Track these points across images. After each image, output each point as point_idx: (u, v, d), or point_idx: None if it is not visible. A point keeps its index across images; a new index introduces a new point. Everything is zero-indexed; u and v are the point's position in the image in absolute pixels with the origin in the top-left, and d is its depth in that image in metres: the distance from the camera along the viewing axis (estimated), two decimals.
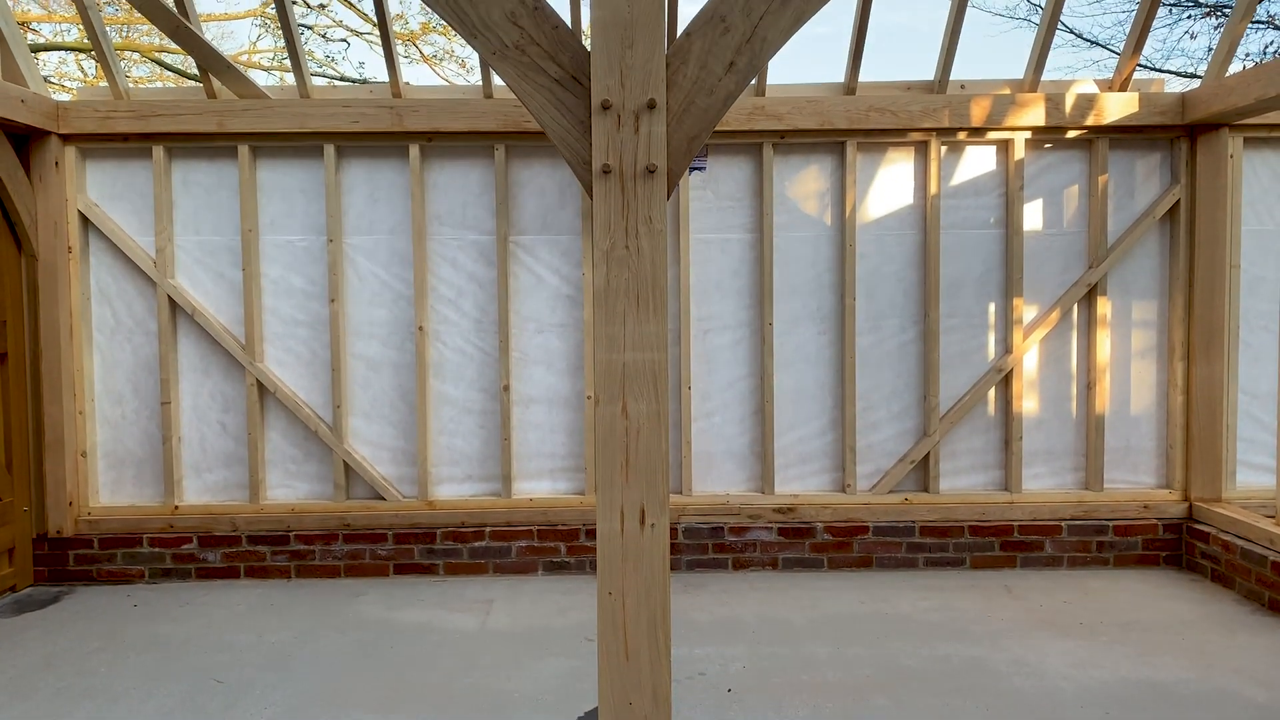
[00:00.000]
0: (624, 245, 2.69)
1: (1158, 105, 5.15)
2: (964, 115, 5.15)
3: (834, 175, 5.32)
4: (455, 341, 5.31)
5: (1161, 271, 5.35)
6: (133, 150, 5.22)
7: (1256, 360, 5.31)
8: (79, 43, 12.51)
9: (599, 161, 2.69)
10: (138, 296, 5.27)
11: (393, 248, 5.30)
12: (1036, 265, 5.33)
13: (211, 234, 5.27)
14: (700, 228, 5.32)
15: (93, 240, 5.27)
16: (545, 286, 5.31)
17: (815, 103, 5.17)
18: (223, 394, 5.31)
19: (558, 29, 2.71)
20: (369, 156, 5.27)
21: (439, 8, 2.69)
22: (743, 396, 5.35)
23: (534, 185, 5.29)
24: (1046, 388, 5.39)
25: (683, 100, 2.72)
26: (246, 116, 5.11)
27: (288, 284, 5.30)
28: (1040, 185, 5.33)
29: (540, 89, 2.73)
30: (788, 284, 5.33)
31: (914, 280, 5.34)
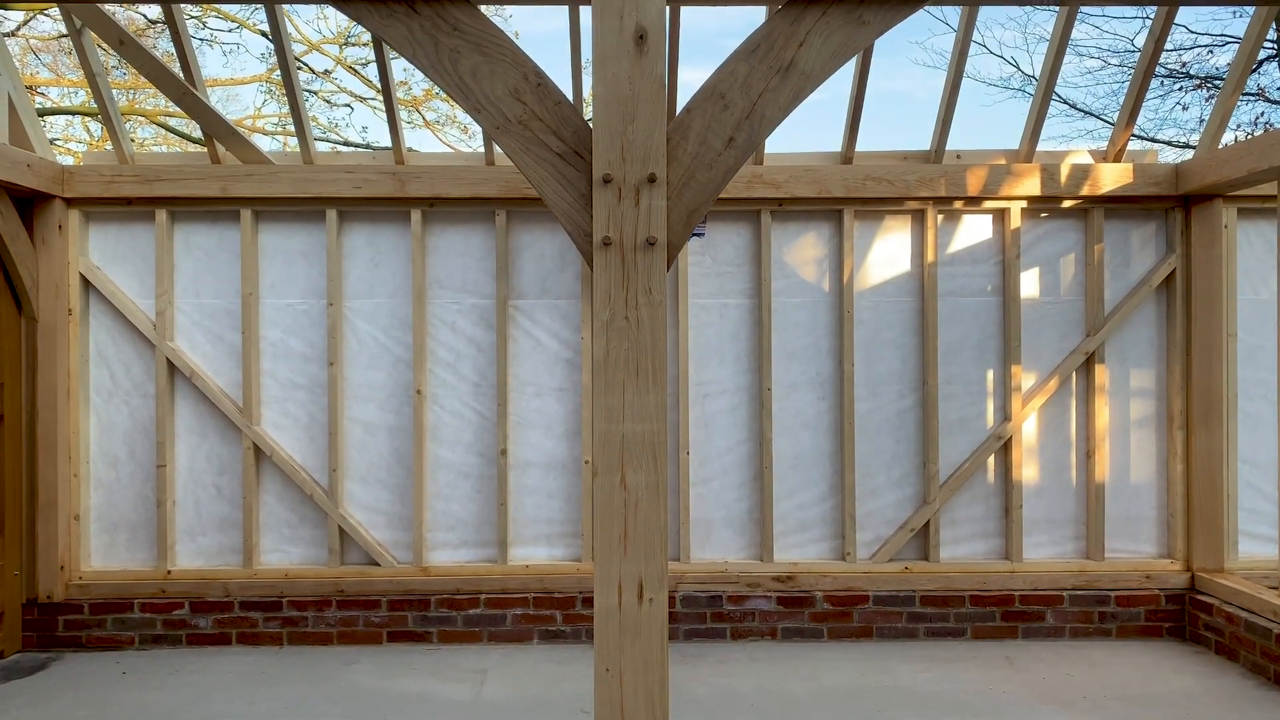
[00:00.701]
0: (624, 316, 2.70)
1: (1152, 176, 5.21)
2: (960, 185, 5.21)
3: (831, 242, 5.36)
4: (453, 405, 5.30)
5: (1159, 340, 5.36)
6: (136, 213, 5.26)
7: (1256, 429, 5.30)
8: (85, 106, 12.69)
9: (600, 234, 2.70)
10: (136, 359, 5.27)
11: (393, 311, 5.32)
12: (1034, 333, 5.35)
13: (212, 297, 5.29)
14: (699, 293, 5.34)
15: (93, 302, 5.28)
16: (544, 350, 5.32)
17: (813, 171, 5.22)
18: (219, 457, 5.28)
19: (560, 105, 2.75)
20: (371, 221, 5.31)
21: (444, 84, 2.73)
22: (741, 462, 5.33)
23: (534, 250, 5.32)
24: (1046, 455, 5.37)
25: (683, 174, 2.75)
26: (250, 181, 5.16)
27: (287, 347, 5.30)
28: (1037, 253, 5.36)
29: (542, 162, 2.76)
30: (786, 349, 5.34)
31: (912, 347, 5.35)
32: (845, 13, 2.74)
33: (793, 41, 2.74)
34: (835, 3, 2.73)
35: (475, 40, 2.73)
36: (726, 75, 2.77)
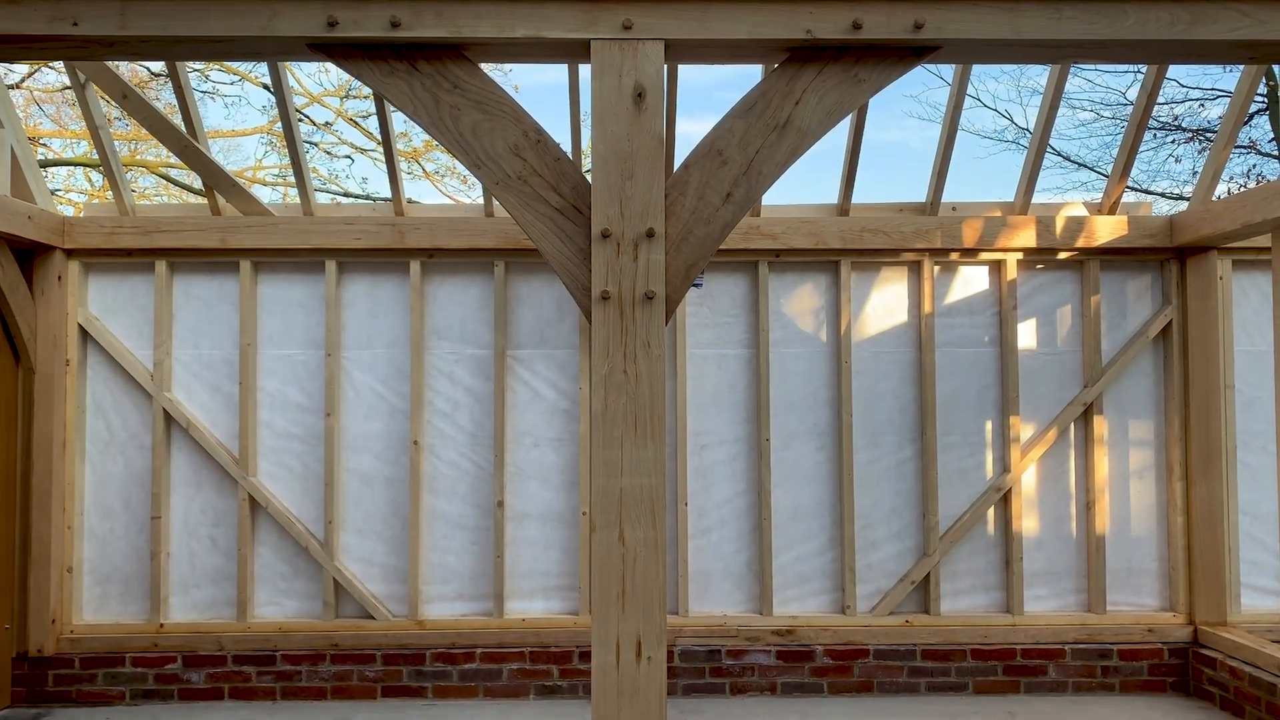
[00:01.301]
0: (622, 370, 2.70)
1: (1146, 228, 5.25)
2: (956, 236, 5.24)
3: (829, 293, 5.38)
4: (450, 456, 5.28)
5: (1157, 391, 5.36)
6: (135, 264, 5.28)
7: (1255, 481, 5.29)
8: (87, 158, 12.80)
9: (598, 288, 2.71)
10: (133, 410, 5.26)
11: (391, 362, 5.31)
12: (1032, 384, 5.35)
13: (210, 348, 5.29)
14: (697, 343, 5.35)
15: (91, 353, 5.28)
16: (542, 401, 5.31)
17: (810, 223, 5.26)
18: (214, 508, 5.25)
19: (559, 161, 2.78)
20: (370, 272, 5.33)
21: (444, 140, 2.75)
22: (740, 513, 5.30)
23: (532, 300, 5.34)
24: (1046, 507, 5.34)
25: (681, 229, 2.77)
26: (250, 233, 5.18)
27: (284, 398, 5.29)
28: (1033, 305, 5.38)
29: (542, 218, 2.78)
30: (784, 400, 5.33)
31: (910, 397, 5.35)
32: (841, 72, 2.77)
33: (789, 100, 2.78)
34: (831, 62, 2.77)
35: (476, 98, 2.76)
36: (724, 132, 2.80)
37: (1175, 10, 2.70)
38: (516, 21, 2.70)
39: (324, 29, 2.67)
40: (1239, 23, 2.69)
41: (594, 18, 2.71)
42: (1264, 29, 2.69)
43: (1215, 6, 2.70)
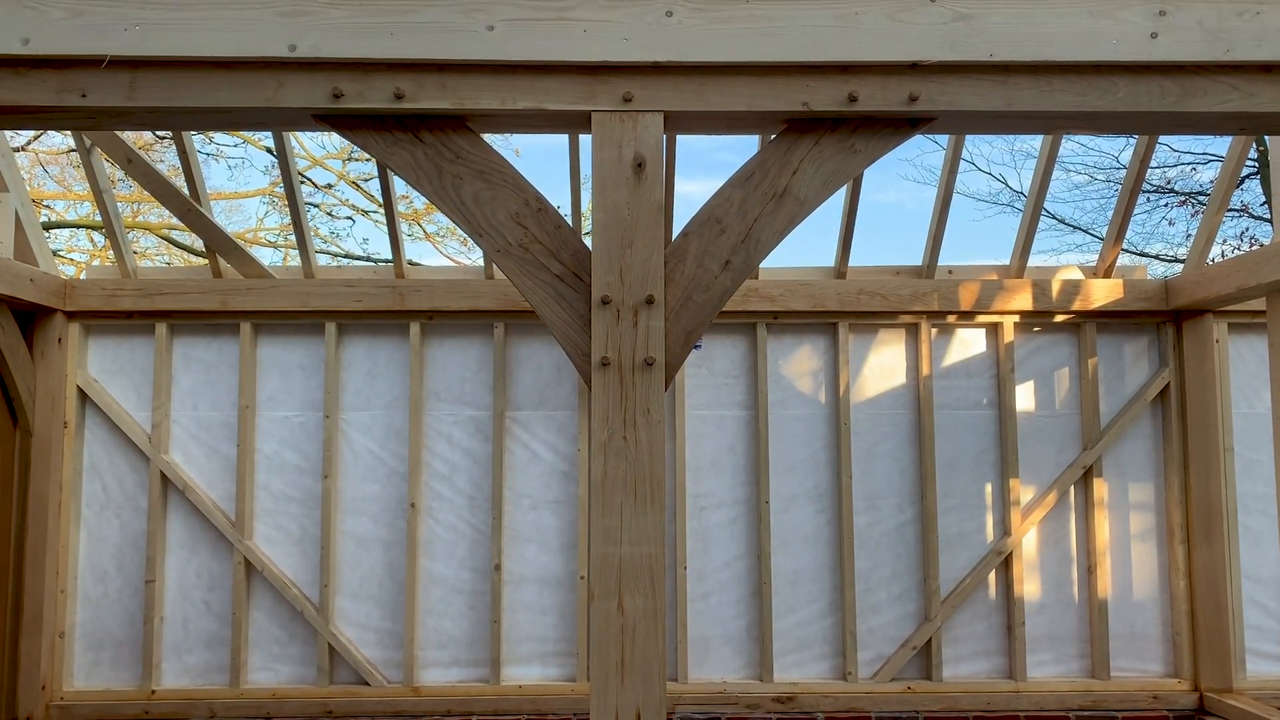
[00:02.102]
0: (621, 436, 2.70)
1: (1142, 292, 5.28)
2: (953, 300, 5.27)
3: (827, 355, 5.40)
4: (447, 519, 5.25)
5: (1156, 454, 5.36)
6: (136, 326, 5.29)
7: (1257, 545, 5.26)
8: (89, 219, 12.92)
9: (598, 354, 2.73)
10: (130, 472, 5.24)
11: (389, 423, 5.31)
12: (1031, 446, 5.34)
13: (209, 409, 5.28)
14: (696, 404, 5.35)
15: (89, 415, 5.27)
16: (540, 463, 5.30)
17: (807, 285, 5.29)
18: (209, 572, 5.20)
19: (560, 229, 2.81)
20: (370, 334, 5.35)
21: (446, 208, 2.79)
22: (739, 577, 5.25)
23: (531, 361, 5.35)
24: (1047, 571, 5.30)
25: (680, 296, 2.79)
26: (250, 295, 5.21)
27: (281, 460, 5.28)
28: (1031, 367, 5.40)
29: (542, 285, 2.80)
30: (784, 461, 5.32)
31: (910, 460, 5.34)
32: (837, 142, 2.82)
33: (786, 169, 2.82)
34: (827, 133, 2.81)
35: (478, 167, 2.80)
36: (723, 201, 2.83)
37: (1165, 83, 2.75)
38: (519, 94, 2.75)
39: (329, 100, 2.72)
40: (1228, 95, 2.74)
41: (594, 90, 2.76)
42: (1253, 101, 2.74)
43: (1205, 79, 2.75)
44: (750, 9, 2.74)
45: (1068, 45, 2.72)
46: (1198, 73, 2.75)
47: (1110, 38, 2.72)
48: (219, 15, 2.68)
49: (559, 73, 2.76)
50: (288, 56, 2.68)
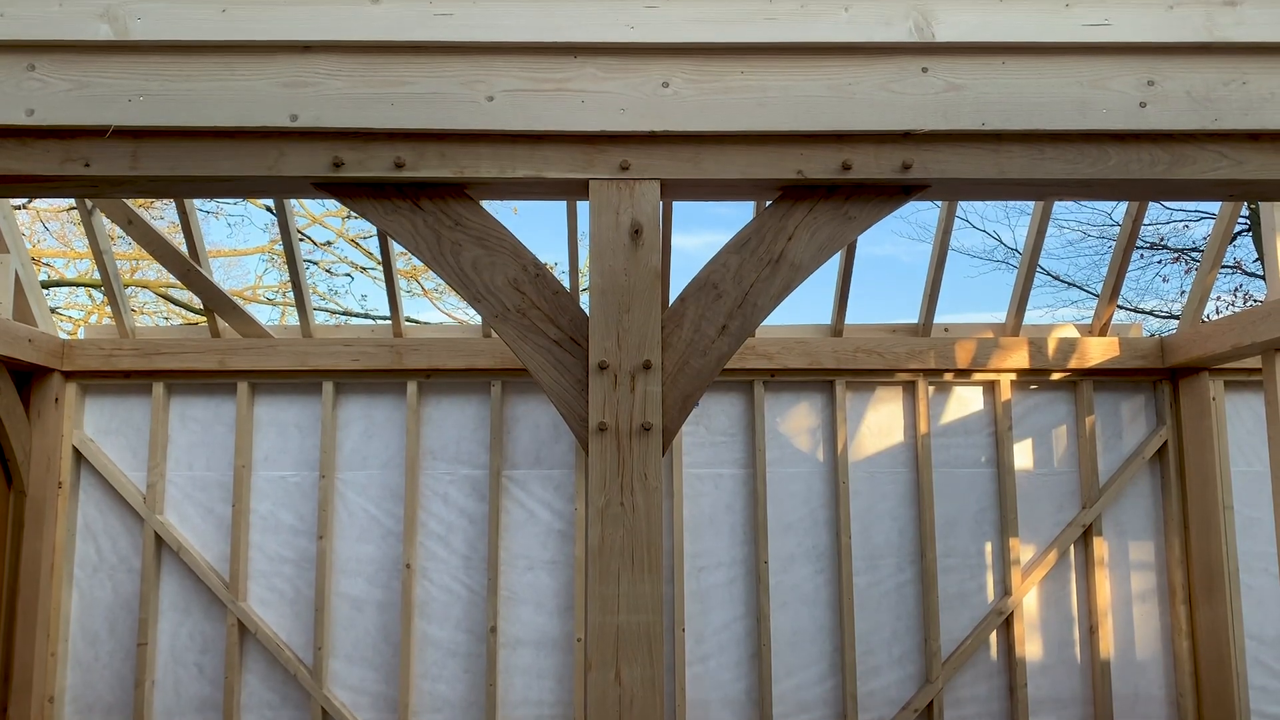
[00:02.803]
0: (619, 502, 2.69)
1: (1138, 350, 5.30)
2: (949, 358, 5.28)
3: (824, 412, 5.39)
4: (443, 580, 5.20)
5: (1156, 512, 5.34)
6: (133, 386, 5.29)
7: (1260, 605, 5.21)
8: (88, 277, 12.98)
9: (595, 419, 2.73)
10: (124, 533, 5.20)
11: (385, 483, 5.29)
12: (1030, 505, 5.32)
13: (204, 469, 5.26)
14: (693, 462, 5.34)
15: (84, 475, 5.25)
16: (537, 522, 5.27)
17: (804, 343, 5.30)
18: (202, 634, 5.14)
19: (558, 294, 2.82)
20: (367, 392, 5.34)
21: (445, 274, 2.80)
22: (738, 639, 5.20)
23: (529, 419, 5.34)
24: (1049, 631, 5.25)
25: (677, 361, 2.80)
26: (249, 355, 5.21)
27: (276, 520, 5.24)
28: (1029, 425, 5.40)
29: (540, 350, 2.81)
30: (782, 521, 5.29)
31: (909, 518, 5.31)
32: (832, 209, 2.85)
33: (782, 236, 2.84)
34: (822, 200, 2.85)
35: (476, 234, 2.82)
36: (719, 266, 2.85)
37: (1155, 151, 2.79)
38: (517, 162, 2.78)
39: (329, 169, 2.75)
40: (1218, 163, 2.78)
41: (592, 159, 2.79)
42: (1242, 169, 2.77)
43: (1195, 148, 2.79)
44: (745, 80, 2.78)
45: (1058, 114, 2.76)
46: (1187, 141, 2.79)
47: (1100, 107, 2.76)
48: (222, 86, 2.72)
49: (557, 142, 2.80)
50: (289, 126, 2.71)
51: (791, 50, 2.79)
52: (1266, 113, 2.74)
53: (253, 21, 2.74)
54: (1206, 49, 2.78)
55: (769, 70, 2.79)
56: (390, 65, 2.76)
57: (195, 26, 2.72)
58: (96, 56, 2.72)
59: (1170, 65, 2.78)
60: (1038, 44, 2.79)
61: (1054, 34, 2.78)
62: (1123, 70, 2.78)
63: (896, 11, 2.80)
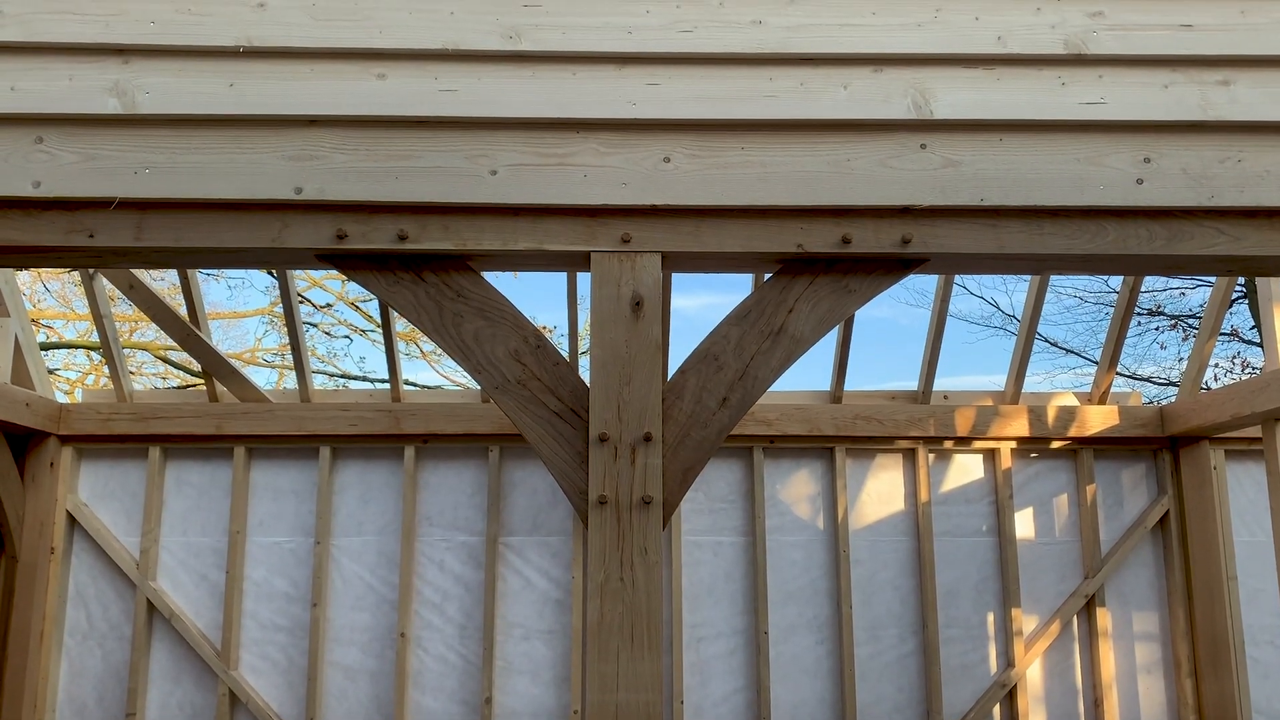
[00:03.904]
0: (618, 577, 2.66)
1: (1137, 418, 5.29)
2: (949, 425, 5.27)
3: (824, 479, 5.36)
4: (437, 649, 5.12)
5: (1159, 583, 5.29)
6: (129, 450, 5.26)
7: (1266, 678, 5.14)
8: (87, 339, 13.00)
9: (595, 492, 2.71)
10: (116, 600, 5.13)
11: (380, 549, 5.23)
12: (1032, 575, 5.27)
13: (199, 535, 5.21)
14: (692, 529, 5.29)
15: (77, 541, 5.19)
16: (534, 590, 5.20)
17: (803, 409, 5.30)
18: (192, 704, 5.04)
19: (558, 365, 2.82)
20: (364, 457, 5.31)
21: (446, 345, 2.81)
22: (738, 711, 5.10)
23: (526, 485, 5.31)
24: (1053, 703, 5.17)
25: (678, 433, 2.79)
26: (246, 420, 5.19)
27: (270, 587, 5.18)
28: (1029, 494, 5.37)
29: (540, 421, 2.80)
30: (782, 589, 5.23)
31: (910, 588, 5.25)
32: (832, 282, 2.86)
33: (782, 308, 2.85)
34: (822, 273, 2.86)
35: (478, 305, 2.83)
36: (719, 339, 2.86)
37: (1153, 227, 2.81)
38: (520, 235, 2.80)
39: (333, 241, 2.77)
40: (1215, 239, 2.80)
41: (594, 232, 2.81)
42: (1239, 245, 2.80)
43: (1192, 224, 2.81)
44: (745, 155, 2.82)
45: (1056, 190, 2.79)
46: (1184, 217, 2.82)
47: (1098, 183, 2.79)
48: (228, 159, 2.75)
49: (559, 215, 2.82)
50: (293, 199, 2.74)
51: (791, 127, 2.83)
52: (1262, 190, 2.77)
53: (260, 96, 2.78)
54: (1201, 127, 2.82)
55: (769, 146, 2.83)
56: (395, 139, 2.79)
57: (203, 100, 2.76)
58: (104, 129, 2.75)
59: (1166, 143, 2.82)
60: (1035, 121, 2.83)
61: (1050, 112, 2.82)
62: (1119, 147, 2.82)
63: (895, 89, 2.84)
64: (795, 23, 2.85)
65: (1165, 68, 2.85)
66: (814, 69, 2.85)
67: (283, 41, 2.80)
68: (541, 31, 2.82)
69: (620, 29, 2.83)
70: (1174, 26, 2.86)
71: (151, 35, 2.79)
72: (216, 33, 2.80)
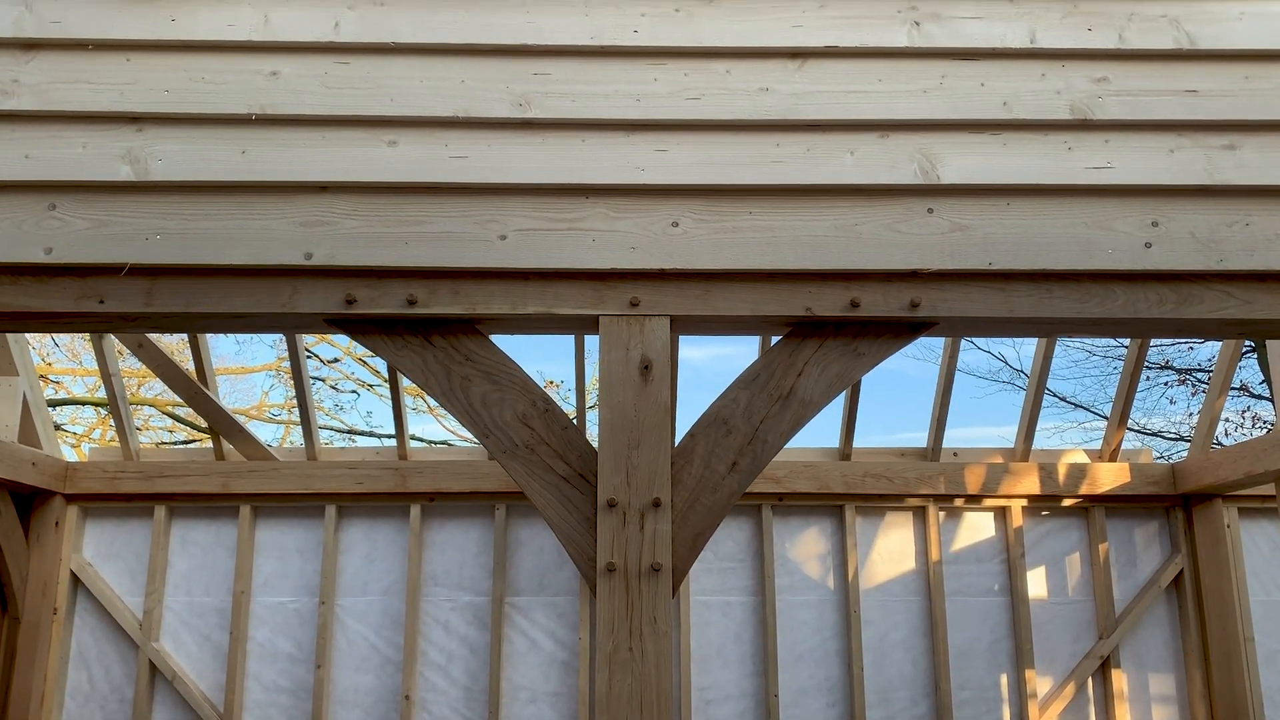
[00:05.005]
0: (627, 648, 2.63)
1: (1149, 475, 5.25)
2: (959, 483, 5.23)
3: (834, 538, 5.31)
4: (442, 712, 5.04)
5: (1174, 643, 5.20)
6: (134, 509, 5.23)
7: None
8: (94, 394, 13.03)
9: (604, 559, 2.68)
10: (118, 660, 5.07)
11: (385, 609, 5.18)
12: (1045, 635, 5.19)
13: (203, 595, 5.17)
14: (701, 589, 5.23)
15: (80, 600, 5.15)
16: (540, 651, 5.13)
17: (812, 467, 5.26)
18: None
19: (566, 429, 2.81)
20: (369, 516, 5.28)
21: (454, 409, 2.80)
22: None
23: (533, 544, 5.26)
24: None
25: (687, 498, 2.76)
26: (252, 478, 5.17)
27: (274, 648, 5.12)
28: (1041, 552, 5.31)
29: (548, 486, 2.78)
30: (792, 651, 5.16)
31: (922, 649, 5.18)
32: (841, 346, 2.85)
33: (791, 372, 2.84)
34: (831, 337, 2.85)
35: (486, 369, 2.83)
36: (729, 402, 2.84)
37: (1163, 291, 2.80)
38: (529, 299, 2.80)
39: (342, 306, 2.77)
40: (1225, 303, 2.79)
41: (602, 295, 2.82)
42: (1249, 309, 2.79)
43: (1201, 287, 2.81)
44: (754, 220, 2.83)
45: (1065, 254, 2.79)
46: (1194, 281, 2.81)
47: (1106, 247, 2.79)
48: (239, 225, 2.76)
49: (568, 279, 2.82)
50: (303, 264, 2.75)
51: (799, 192, 2.84)
52: (1272, 254, 2.77)
53: (272, 162, 2.80)
54: (1208, 191, 2.83)
55: (777, 210, 2.84)
56: (406, 205, 2.81)
57: (215, 167, 2.79)
58: (116, 196, 2.77)
59: (1173, 207, 2.82)
60: (1041, 186, 2.84)
61: (1057, 176, 2.83)
62: (1127, 211, 2.82)
63: (901, 154, 2.86)
64: (802, 89, 2.88)
65: (1171, 132, 2.86)
66: (821, 135, 2.87)
67: (295, 109, 2.83)
68: (551, 99, 2.85)
69: (629, 96, 2.86)
70: (1178, 92, 2.88)
71: (166, 103, 2.82)
72: (230, 100, 2.84)
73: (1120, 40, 2.91)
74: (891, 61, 2.92)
